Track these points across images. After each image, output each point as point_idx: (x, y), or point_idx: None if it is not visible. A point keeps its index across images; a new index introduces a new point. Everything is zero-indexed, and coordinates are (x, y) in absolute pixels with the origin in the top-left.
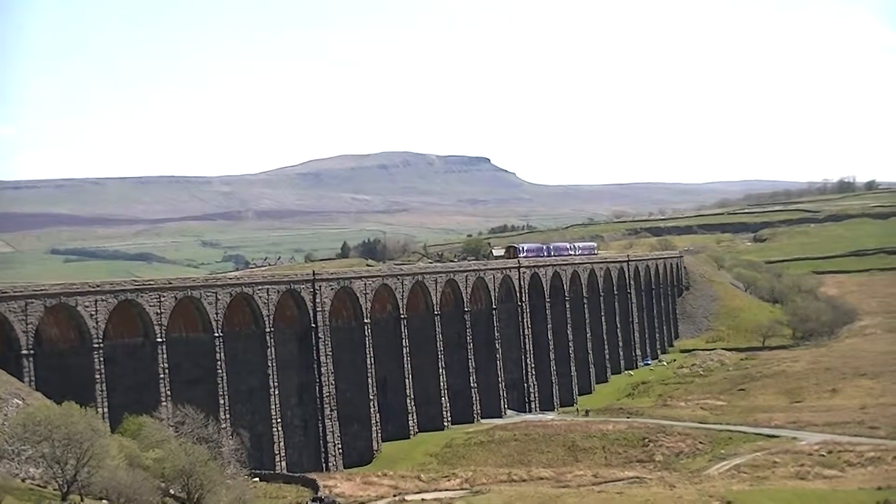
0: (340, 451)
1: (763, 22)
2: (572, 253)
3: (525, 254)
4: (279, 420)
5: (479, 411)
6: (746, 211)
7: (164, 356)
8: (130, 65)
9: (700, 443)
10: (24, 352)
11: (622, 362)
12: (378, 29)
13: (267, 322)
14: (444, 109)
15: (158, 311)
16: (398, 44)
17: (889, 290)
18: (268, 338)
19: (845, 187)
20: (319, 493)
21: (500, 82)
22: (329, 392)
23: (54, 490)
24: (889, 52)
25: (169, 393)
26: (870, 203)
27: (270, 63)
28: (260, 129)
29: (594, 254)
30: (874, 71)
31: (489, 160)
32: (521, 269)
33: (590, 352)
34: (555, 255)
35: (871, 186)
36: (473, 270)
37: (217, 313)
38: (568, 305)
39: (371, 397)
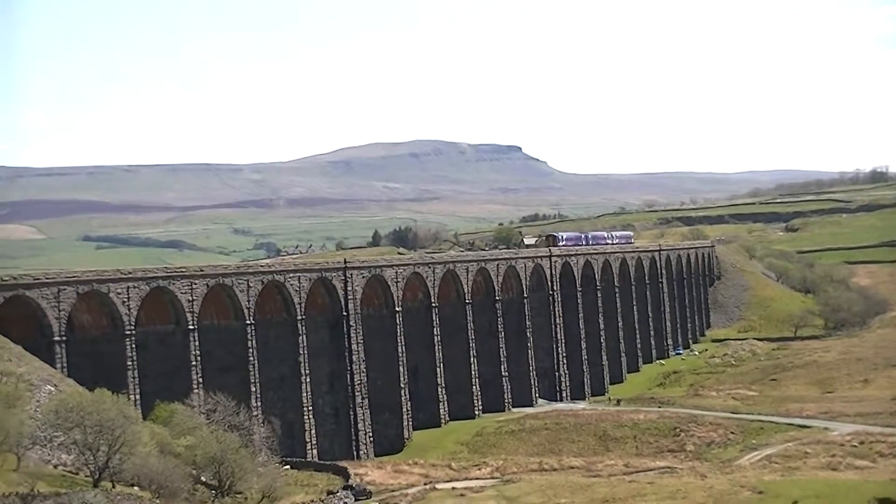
0: (371, 439)
1: (797, 10)
2: (609, 242)
3: (564, 242)
4: (310, 408)
5: (509, 400)
6: (778, 201)
7: (196, 343)
8: (164, 52)
9: (731, 433)
10: (57, 338)
11: (653, 352)
12: (411, 17)
13: (298, 310)
14: (476, 98)
15: (190, 298)
16: (431, 32)
17: None
18: (299, 325)
19: (878, 177)
20: (350, 482)
21: (532, 71)
22: (360, 380)
23: (86, 476)
24: None
25: (200, 380)
26: None
27: (303, 50)
28: (291, 116)
29: (630, 242)
30: None
31: (520, 149)
32: (553, 258)
33: (621, 341)
34: (592, 244)
35: None
36: (505, 259)
37: (248, 301)
38: (599, 294)
39: (402, 386)
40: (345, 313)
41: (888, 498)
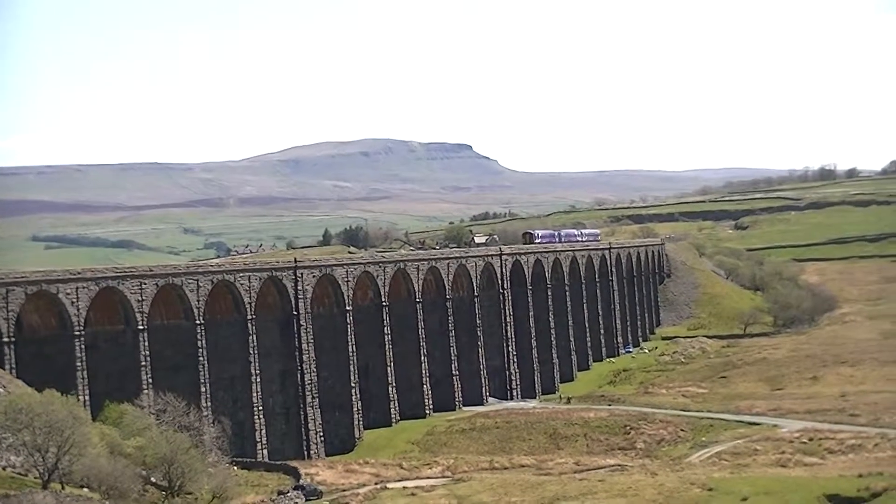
0: (322, 438)
1: (743, 6)
2: (580, 239)
3: (540, 239)
4: (261, 408)
5: (460, 399)
6: (727, 199)
7: (146, 344)
8: (112, 51)
9: (681, 430)
10: (6, 339)
11: (604, 350)
12: (360, 14)
13: (249, 309)
14: (426, 96)
15: (140, 298)
16: (380, 30)
17: (870, 278)
18: (250, 325)
19: (826, 175)
20: (301, 482)
21: (482, 69)
22: (311, 380)
23: (35, 478)
24: (870, 39)
25: (150, 381)
26: (851, 191)
27: (251, 49)
28: (241, 115)
29: (598, 240)
30: (855, 58)
31: (471, 147)
32: (503, 257)
33: (572, 339)
34: (565, 241)
35: (852, 174)
36: (455, 258)
37: (199, 301)
38: (550, 293)
39: (353, 385)
40: (295, 313)
41: (837, 494)
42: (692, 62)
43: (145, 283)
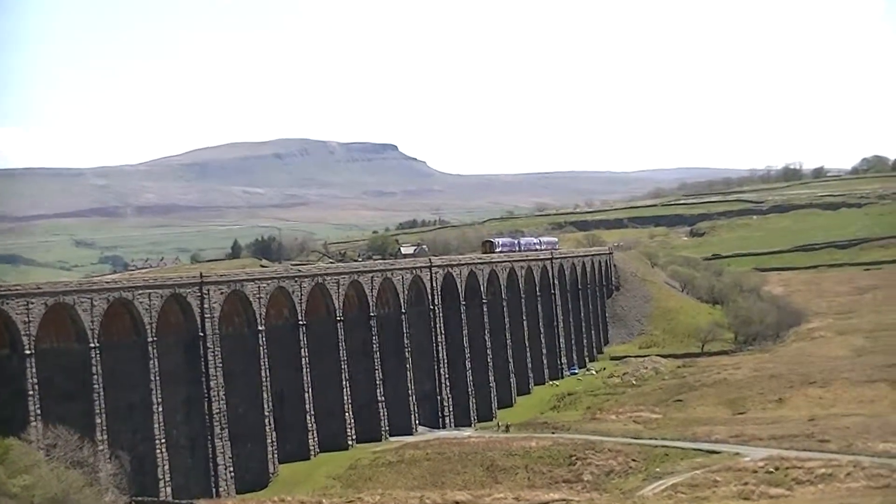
0: (232, 473)
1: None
2: (539, 248)
3: (501, 248)
4: (163, 440)
5: (387, 428)
6: (682, 202)
7: (33, 370)
8: None
9: (633, 460)
10: None
11: (546, 371)
12: (271, 3)
13: (149, 331)
14: (346, 92)
15: (27, 319)
16: (293, 19)
17: (839, 289)
18: (150, 348)
19: (791, 175)
20: None
21: (407, 62)
22: (219, 408)
23: None
24: (835, 32)
25: (39, 411)
26: (818, 192)
27: (152, 43)
28: (139, 114)
29: (556, 249)
30: (820, 50)
31: (396, 148)
32: (433, 269)
33: (510, 360)
34: (524, 250)
35: (819, 174)
36: (380, 271)
37: (93, 321)
38: (485, 309)
39: (266, 413)
40: (201, 333)
41: None
42: (640, 53)
43: (32, 303)
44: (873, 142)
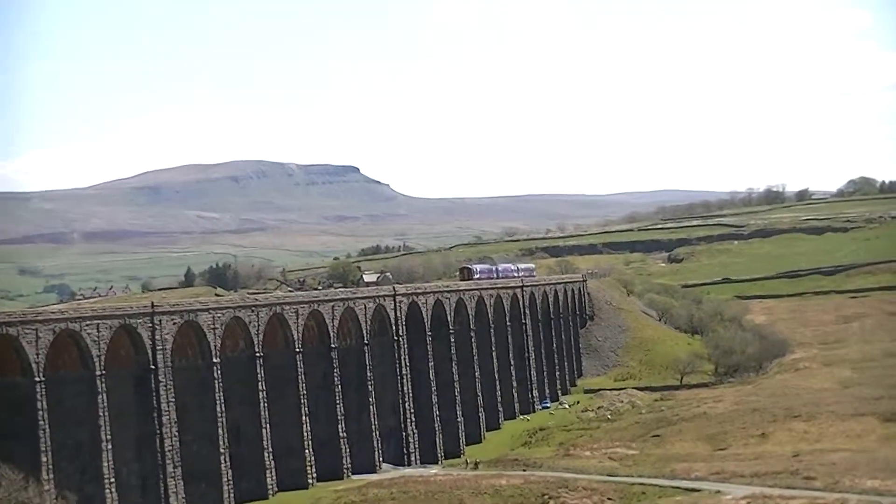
0: None
1: (673, 17)
2: (517, 275)
3: (479, 275)
4: (113, 479)
5: (349, 465)
6: (659, 226)
7: None
8: None
9: (608, 499)
10: None
11: (517, 405)
12: (224, 17)
13: (97, 364)
14: (305, 111)
15: None
16: (246, 35)
17: (825, 318)
18: (99, 382)
19: (773, 198)
20: None
21: (370, 81)
22: (172, 445)
23: None
24: (822, 46)
25: None
26: (802, 216)
27: (98, 59)
28: (87, 135)
29: (533, 275)
30: (803, 66)
31: (358, 170)
32: (398, 298)
33: (479, 394)
34: (502, 277)
35: (803, 197)
36: (341, 299)
37: (38, 354)
38: (453, 339)
39: (221, 450)
40: (153, 366)
41: None
42: (615, 72)
43: None
44: (860, 163)
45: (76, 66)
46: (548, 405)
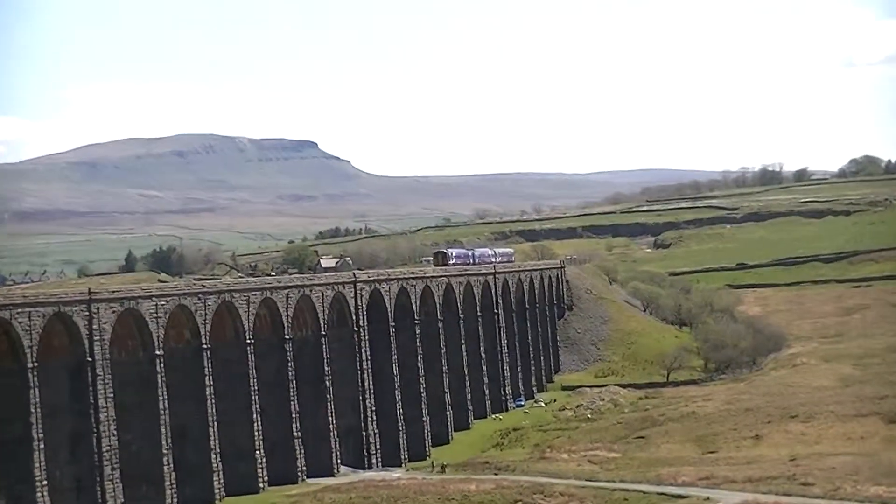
0: None
1: None
2: (494, 261)
3: (454, 260)
4: (45, 482)
5: (304, 468)
6: (644, 209)
7: None
8: None
9: None
10: None
11: (488, 403)
12: None
13: (29, 356)
14: (258, 81)
15: None
16: None
17: (825, 308)
18: (30, 376)
19: (769, 178)
20: None
21: (328, 47)
22: (110, 445)
23: None
24: (819, 22)
25: None
26: (801, 198)
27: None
28: (18, 106)
29: (511, 261)
30: (801, 36)
31: (316, 145)
32: (358, 285)
33: (446, 390)
34: (479, 263)
35: (801, 177)
36: (297, 286)
37: None
38: (418, 331)
39: (164, 451)
40: (90, 359)
41: None
42: (595, 40)
43: None
44: (863, 140)
45: (5, 34)
46: (522, 403)
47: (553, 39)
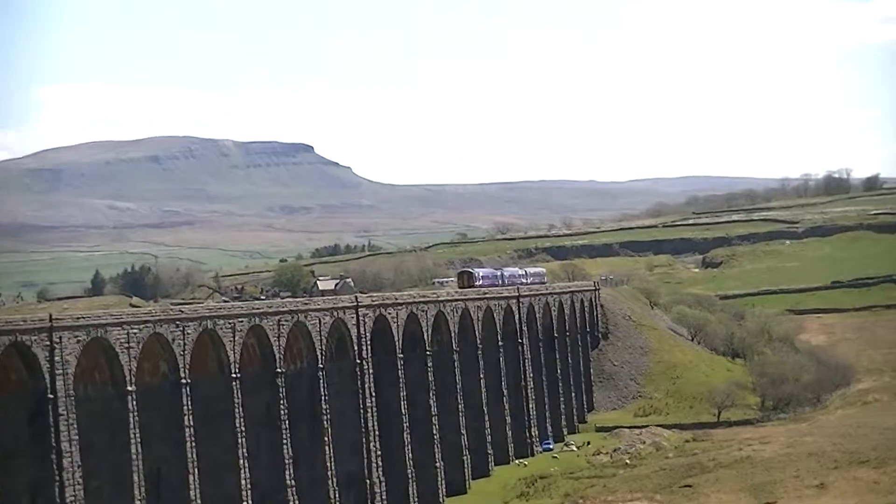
0: None
1: None
2: (525, 282)
3: (482, 282)
4: None
5: None
6: (691, 222)
7: None
8: None
9: None
10: None
11: (511, 446)
12: None
13: None
14: (245, 78)
15: None
16: None
17: None
18: None
19: (835, 186)
20: None
21: (326, 40)
22: (74, 494)
23: None
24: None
25: None
26: (871, 209)
27: None
28: None
29: (543, 282)
30: (870, 26)
31: (312, 149)
32: (361, 310)
33: (463, 432)
34: (509, 284)
35: (872, 185)
36: (290, 312)
37: None
38: (430, 363)
39: (137, 500)
40: (51, 395)
41: None
42: (633, 35)
43: None
44: None
45: None
46: (550, 446)
47: (587, 31)
